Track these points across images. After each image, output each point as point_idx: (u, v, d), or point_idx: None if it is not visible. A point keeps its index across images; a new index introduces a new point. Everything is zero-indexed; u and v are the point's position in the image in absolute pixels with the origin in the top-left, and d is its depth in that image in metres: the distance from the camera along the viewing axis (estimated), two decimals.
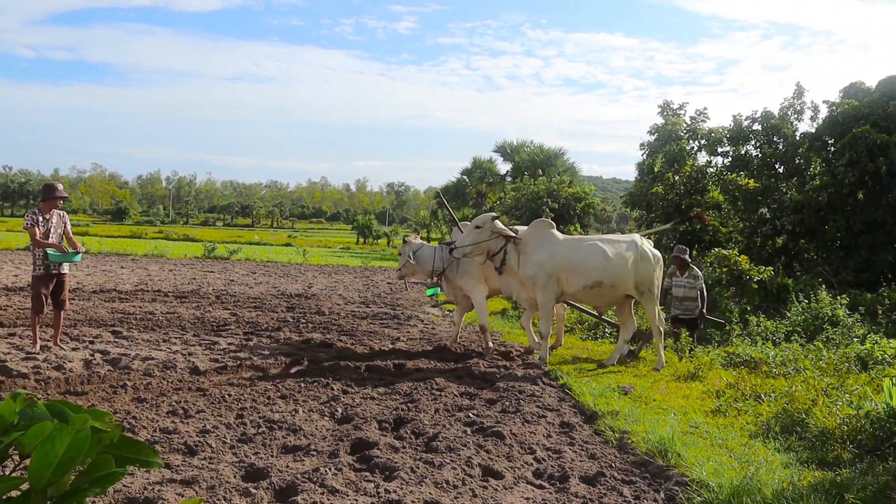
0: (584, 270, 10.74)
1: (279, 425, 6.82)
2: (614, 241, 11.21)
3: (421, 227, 74.45)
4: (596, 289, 10.84)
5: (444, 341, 12.29)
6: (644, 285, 10.98)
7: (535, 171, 50.10)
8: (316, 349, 11.14)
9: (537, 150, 54.02)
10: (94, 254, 30.88)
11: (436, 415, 7.46)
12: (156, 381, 8.54)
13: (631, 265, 10.91)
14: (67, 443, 1.52)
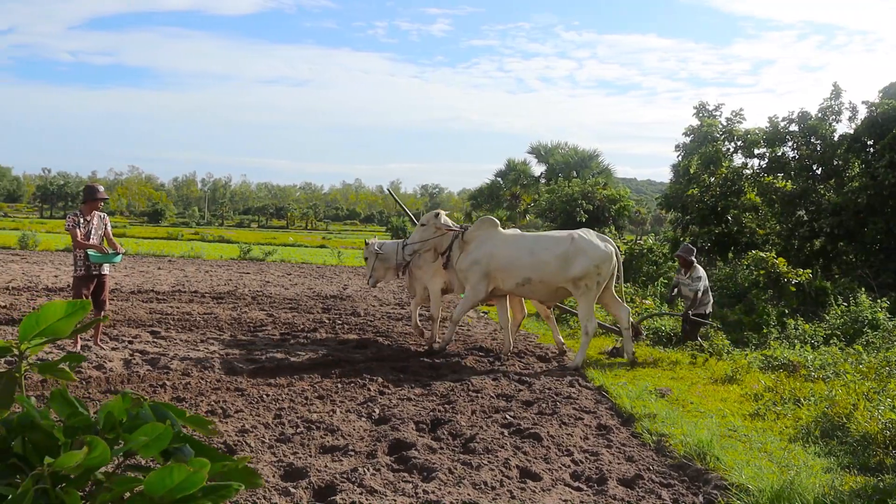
0: (514, 268, 11.01)
1: (317, 425, 6.86)
2: (547, 238, 11.46)
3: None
4: (527, 285, 11.09)
5: (480, 342, 12.29)
6: (581, 280, 10.90)
7: (569, 172, 50.04)
8: (352, 350, 11.19)
9: (572, 151, 53.96)
10: (131, 255, 31.20)
11: (472, 416, 7.47)
12: (194, 380, 8.63)
13: (561, 261, 10.92)
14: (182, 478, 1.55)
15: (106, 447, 1.56)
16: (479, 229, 11.46)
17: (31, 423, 1.71)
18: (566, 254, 10.93)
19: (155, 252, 34.14)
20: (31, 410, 1.73)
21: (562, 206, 37.07)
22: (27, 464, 1.69)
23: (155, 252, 34.14)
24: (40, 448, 1.69)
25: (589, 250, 10.95)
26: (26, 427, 1.71)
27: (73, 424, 1.70)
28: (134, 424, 1.68)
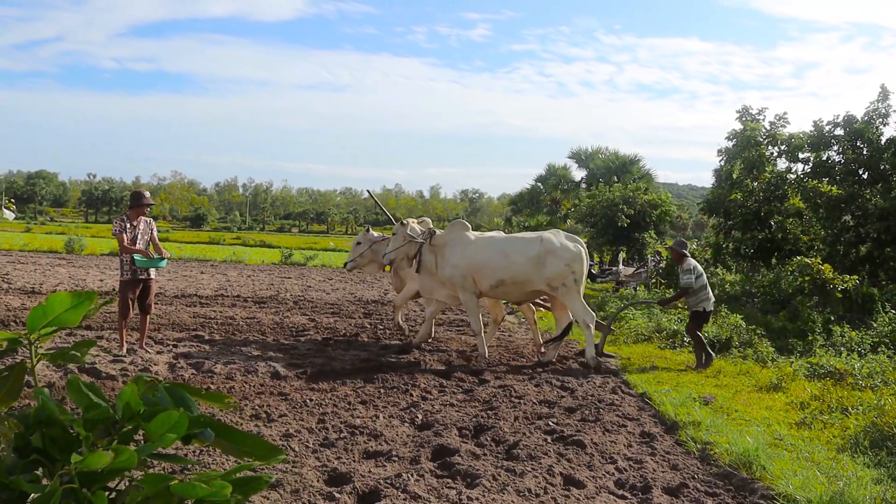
0: (488, 270, 11.19)
1: (360, 430, 6.89)
2: (519, 240, 11.61)
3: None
4: (501, 287, 11.29)
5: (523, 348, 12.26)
6: (556, 280, 11.08)
7: (610, 177, 49.80)
8: (392, 355, 11.21)
9: (612, 156, 53.68)
10: (174, 259, 31.53)
11: (515, 422, 7.45)
12: (238, 384, 8.70)
13: (534, 262, 11.10)
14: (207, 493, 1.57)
15: (133, 453, 1.58)
16: (451, 233, 11.72)
17: (48, 418, 1.72)
18: (538, 255, 11.13)
19: (197, 256, 34.48)
20: (49, 404, 1.74)
21: (602, 212, 36.93)
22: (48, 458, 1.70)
23: (197, 256, 34.48)
24: (59, 442, 1.70)
25: (559, 251, 11.17)
26: (44, 421, 1.72)
27: (92, 417, 1.70)
28: (152, 412, 1.69)
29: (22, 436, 1.68)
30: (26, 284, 18.19)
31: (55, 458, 1.67)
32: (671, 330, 14.09)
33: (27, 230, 60.53)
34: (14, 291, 16.82)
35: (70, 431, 1.70)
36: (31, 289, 17.38)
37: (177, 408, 1.67)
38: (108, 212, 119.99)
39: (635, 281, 26.03)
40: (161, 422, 1.61)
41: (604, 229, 36.97)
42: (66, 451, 1.67)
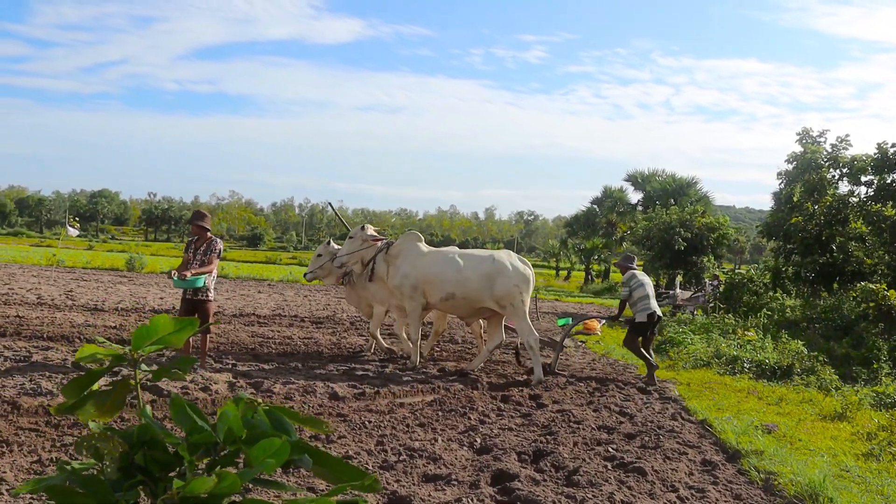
0: (440, 282, 11.45)
1: (419, 453, 6.89)
2: (472, 256, 11.87)
3: (550, 256, 74.16)
4: (451, 300, 11.54)
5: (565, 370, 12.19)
6: (504, 300, 11.38)
7: (667, 200, 49.39)
8: (451, 378, 11.21)
9: (669, 179, 53.27)
10: (231, 278, 31.94)
11: (575, 448, 7.40)
12: (297, 405, 8.76)
13: (485, 279, 11.40)
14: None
15: (236, 478, 1.59)
16: (404, 243, 11.94)
17: (151, 438, 1.75)
18: (488, 273, 11.42)
19: (254, 276, 34.85)
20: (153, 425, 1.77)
21: (659, 235, 36.63)
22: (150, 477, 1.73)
23: (254, 276, 34.85)
24: (160, 462, 1.73)
25: (508, 271, 11.46)
26: (147, 442, 1.75)
27: (196, 441, 1.73)
28: (253, 436, 1.71)
29: (126, 455, 1.71)
30: (89, 301, 18.53)
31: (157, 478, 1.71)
32: (730, 356, 13.89)
33: (90, 248, 61.76)
34: (78, 308, 17.15)
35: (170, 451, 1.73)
36: (94, 306, 17.71)
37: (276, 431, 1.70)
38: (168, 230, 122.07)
39: (693, 305, 25.72)
40: (263, 448, 1.63)
41: (660, 252, 36.65)
42: (167, 470, 1.71)
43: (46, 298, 18.60)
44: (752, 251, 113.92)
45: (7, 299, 18.09)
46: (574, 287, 53.17)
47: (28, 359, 10.69)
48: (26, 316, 15.08)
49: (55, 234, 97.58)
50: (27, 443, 6.71)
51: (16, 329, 13.08)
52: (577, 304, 32.17)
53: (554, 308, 28.14)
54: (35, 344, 11.96)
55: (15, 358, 10.63)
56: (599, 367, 13.10)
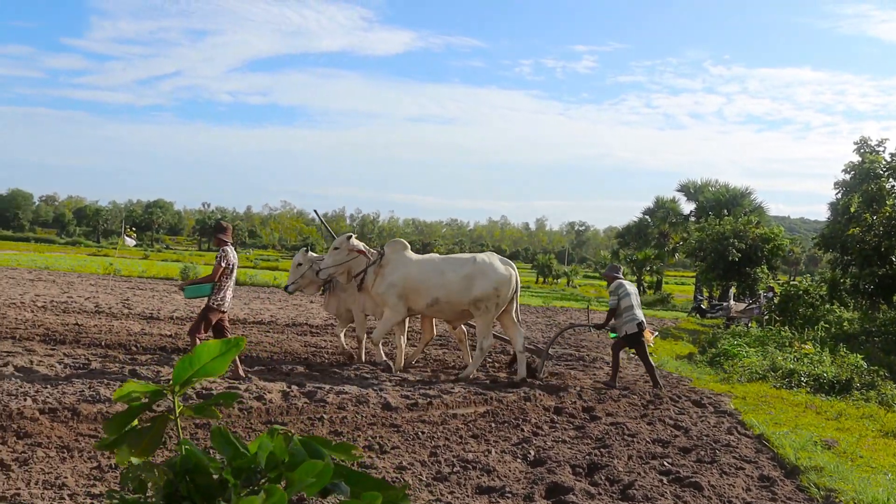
0: (425, 289, 11.72)
1: (473, 465, 6.89)
2: (454, 261, 12.20)
3: (601, 267, 73.67)
4: (435, 305, 11.82)
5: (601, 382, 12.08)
6: (481, 301, 11.70)
7: (720, 211, 48.82)
8: (503, 389, 11.18)
9: (722, 189, 52.73)
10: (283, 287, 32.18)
11: (629, 461, 7.34)
12: (350, 414, 8.80)
13: (465, 283, 11.70)
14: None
15: (283, 493, 1.61)
16: (392, 253, 12.07)
17: (194, 466, 1.77)
18: (469, 275, 11.71)
19: None
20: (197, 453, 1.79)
21: (712, 246, 36.22)
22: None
23: None
24: (203, 490, 1.75)
25: (489, 273, 11.76)
26: (190, 469, 1.77)
27: (239, 466, 1.75)
28: (293, 462, 1.72)
29: (171, 482, 1.74)
30: (145, 310, 18.84)
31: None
32: (787, 369, 13.67)
33: (145, 257, 62.79)
34: (134, 317, 17.44)
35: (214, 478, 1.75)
36: (150, 314, 17.99)
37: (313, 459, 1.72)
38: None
39: (747, 317, 25.41)
40: (305, 470, 1.65)
41: (714, 264, 36.21)
42: (211, 497, 1.73)
43: (104, 307, 18.94)
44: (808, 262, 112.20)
45: (66, 307, 18.45)
46: None
47: (87, 366, 10.89)
48: (85, 324, 15.37)
49: (112, 243, 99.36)
50: (87, 449, 6.83)
51: (75, 337, 13.34)
52: None
53: None
54: (93, 351, 12.19)
55: (74, 365, 10.83)
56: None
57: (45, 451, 6.66)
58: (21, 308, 17.72)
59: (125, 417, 1.91)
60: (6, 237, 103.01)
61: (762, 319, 23.58)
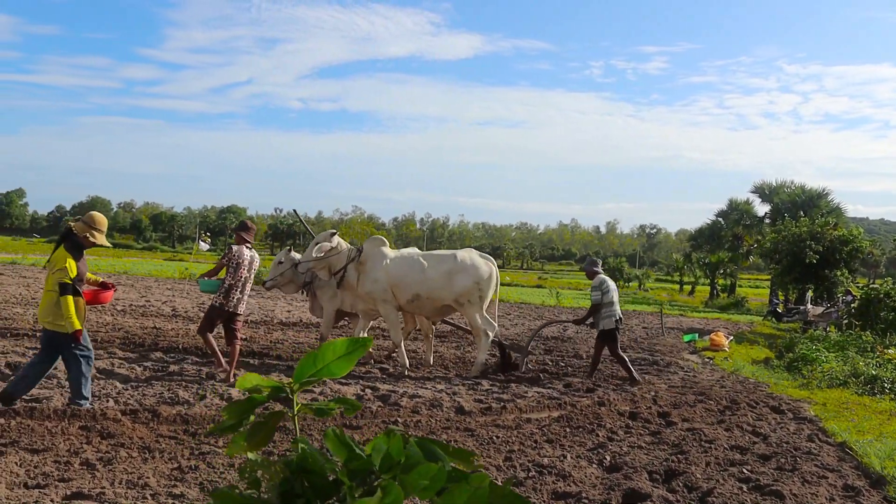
0: (405, 285, 11.89)
1: (548, 470, 6.85)
2: (435, 257, 12.34)
3: (673, 270, 72.83)
4: (416, 301, 12.03)
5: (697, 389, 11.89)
6: (463, 297, 12.02)
7: (796, 212, 47.81)
8: (576, 394, 11.12)
9: (798, 190, 51.69)
10: None
11: (707, 468, 7.22)
12: (424, 418, 8.83)
13: (446, 278, 11.95)
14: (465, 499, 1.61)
15: (400, 491, 1.62)
16: (370, 249, 12.15)
17: (310, 465, 1.79)
18: (450, 271, 11.98)
19: None
20: (314, 453, 1.81)
21: (788, 248, 35.48)
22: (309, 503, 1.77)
23: None
24: (319, 489, 1.77)
25: (470, 269, 12.07)
26: (306, 469, 1.79)
27: (355, 467, 1.76)
28: (408, 465, 1.72)
29: (288, 480, 1.76)
30: None
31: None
32: (869, 375, 13.31)
33: None
34: None
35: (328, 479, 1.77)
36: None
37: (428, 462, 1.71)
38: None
39: (825, 321, 24.84)
40: (420, 473, 1.65)
41: (790, 266, 35.46)
42: (325, 497, 1.74)
43: (180, 311, 19.34)
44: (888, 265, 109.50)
45: (144, 311, 18.88)
46: (698, 302, 52.00)
47: (165, 369, 11.14)
48: (163, 328, 15.71)
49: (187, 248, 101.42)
50: (167, 450, 6.96)
51: (153, 340, 13.63)
52: (703, 320, 31.49)
53: (679, 323, 27.64)
54: (171, 355, 12.46)
55: (153, 368, 11.09)
56: (729, 385, 12.74)
57: (128, 452, 6.82)
58: (101, 312, 18.17)
59: (245, 406, 1.94)
60: None
61: (841, 323, 23.03)
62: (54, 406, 8.16)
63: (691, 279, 68.53)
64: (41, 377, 8.49)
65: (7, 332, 13.55)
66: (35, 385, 8.47)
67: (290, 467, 1.77)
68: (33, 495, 5.47)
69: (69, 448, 6.82)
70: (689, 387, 12.35)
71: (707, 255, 58.35)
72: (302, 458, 1.78)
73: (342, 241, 12.32)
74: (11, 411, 7.77)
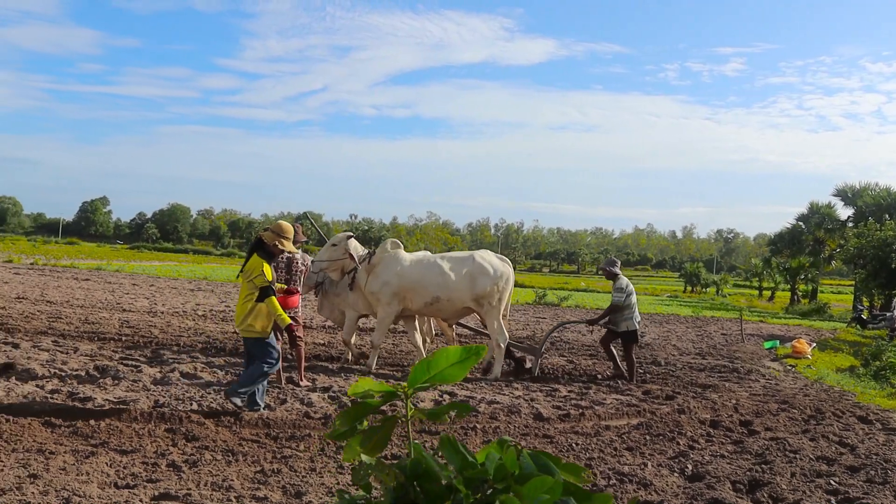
0: (423, 288, 11.80)
1: (629, 478, 6.78)
2: (453, 259, 12.29)
3: (752, 276, 71.44)
4: (435, 304, 11.94)
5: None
6: (483, 299, 11.94)
7: (881, 215, 46.50)
8: (655, 401, 10.98)
9: (884, 192, 50.34)
10: None
11: (793, 479, 7.06)
12: (502, 424, 8.82)
13: (467, 281, 11.91)
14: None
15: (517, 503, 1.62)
16: (384, 252, 12.07)
17: (424, 471, 1.79)
18: (470, 273, 11.93)
19: None
20: (428, 459, 1.82)
21: (873, 253, 34.60)
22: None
23: None
24: (431, 495, 1.77)
25: (489, 270, 12.02)
26: (420, 474, 1.79)
27: (470, 476, 1.76)
28: (522, 476, 1.72)
29: (402, 486, 1.78)
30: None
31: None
32: None
33: None
34: None
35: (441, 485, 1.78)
36: (304, 323, 18.46)
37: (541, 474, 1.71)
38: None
39: None
40: (535, 486, 1.65)
41: (875, 272, 34.54)
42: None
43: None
44: None
45: (225, 316, 19.23)
46: (779, 308, 51.00)
47: None
48: None
49: None
50: (250, 453, 7.08)
51: (234, 345, 13.85)
52: (784, 326, 30.83)
53: (759, 330, 27.11)
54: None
55: (235, 372, 11.26)
56: (813, 394, 12.45)
57: (212, 454, 6.95)
58: (183, 317, 18.57)
59: (358, 412, 1.97)
60: (167, 249, 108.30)
61: None
62: (141, 408, 8.37)
63: (771, 284, 67.18)
64: None
65: (95, 336, 13.95)
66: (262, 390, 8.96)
67: (404, 472, 1.79)
68: (123, 495, 5.62)
69: (156, 450, 7.00)
70: (772, 395, 12.10)
71: (787, 259, 57.14)
72: (416, 463, 1.79)
73: (358, 245, 12.44)
74: (101, 412, 8.01)
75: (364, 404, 1.95)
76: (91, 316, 17.20)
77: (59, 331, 14.48)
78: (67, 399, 8.84)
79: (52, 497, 5.45)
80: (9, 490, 5.54)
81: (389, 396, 1.95)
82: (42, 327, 14.79)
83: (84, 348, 12.58)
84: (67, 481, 5.83)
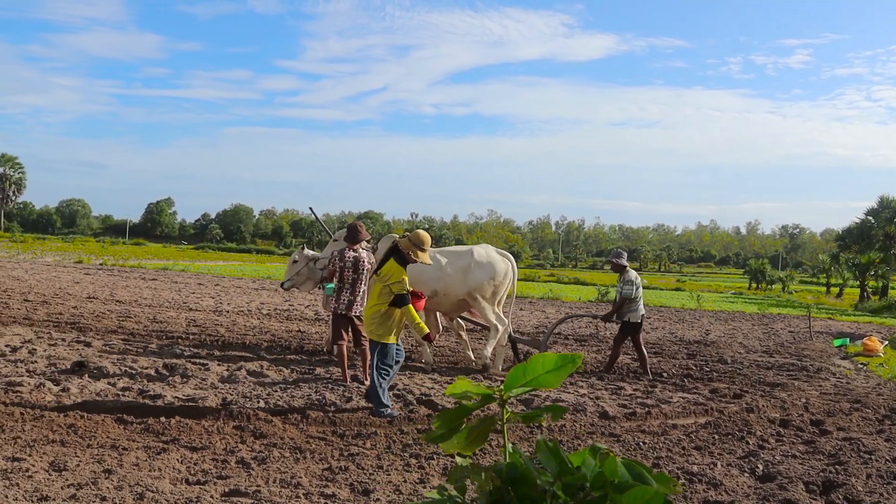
0: (422, 282, 11.72)
1: (698, 478, 6.68)
2: (451, 253, 12.39)
3: (819, 272, 70.06)
4: (434, 297, 11.98)
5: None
6: (476, 291, 12.05)
7: None
8: (723, 399, 10.82)
9: None
10: None
11: (869, 481, 6.88)
12: (568, 423, 8.76)
13: (463, 274, 12.07)
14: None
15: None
16: (385, 246, 11.97)
17: (520, 475, 1.77)
18: (467, 267, 12.10)
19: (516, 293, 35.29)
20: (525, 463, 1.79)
21: None
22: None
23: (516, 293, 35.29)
24: (526, 500, 1.75)
25: (486, 264, 12.17)
26: (516, 479, 1.77)
27: (569, 482, 1.73)
28: (620, 485, 1.69)
29: (498, 489, 1.76)
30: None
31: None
32: None
33: None
34: None
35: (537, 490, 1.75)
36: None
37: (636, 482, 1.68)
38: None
39: None
40: (635, 496, 1.62)
41: None
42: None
43: (323, 315, 19.76)
44: None
45: (288, 315, 19.44)
46: (847, 304, 49.91)
47: (312, 371, 11.41)
48: (307, 331, 16.14)
49: None
50: (318, 451, 7.13)
51: (299, 343, 14.00)
52: (854, 324, 30.15)
53: (828, 327, 26.55)
54: (317, 357, 12.75)
55: (300, 370, 11.37)
56: (887, 393, 12.15)
57: (280, 452, 7.01)
58: (248, 315, 18.80)
59: (457, 414, 1.96)
60: (231, 249, 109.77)
61: None
62: (210, 406, 8.48)
63: (839, 281, 65.74)
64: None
65: (163, 335, 14.19)
66: None
67: (499, 476, 1.77)
68: (195, 491, 5.69)
69: (225, 447, 7.08)
70: (843, 394, 11.84)
71: (856, 255, 55.93)
72: (511, 466, 1.78)
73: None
74: (171, 409, 8.14)
75: (462, 407, 1.94)
76: (159, 315, 17.51)
77: (128, 330, 14.76)
78: (138, 396, 9.01)
79: (125, 492, 5.54)
80: (85, 485, 5.66)
81: (486, 399, 1.93)
82: (112, 326, 15.10)
83: (153, 347, 12.80)
84: (140, 477, 5.93)
